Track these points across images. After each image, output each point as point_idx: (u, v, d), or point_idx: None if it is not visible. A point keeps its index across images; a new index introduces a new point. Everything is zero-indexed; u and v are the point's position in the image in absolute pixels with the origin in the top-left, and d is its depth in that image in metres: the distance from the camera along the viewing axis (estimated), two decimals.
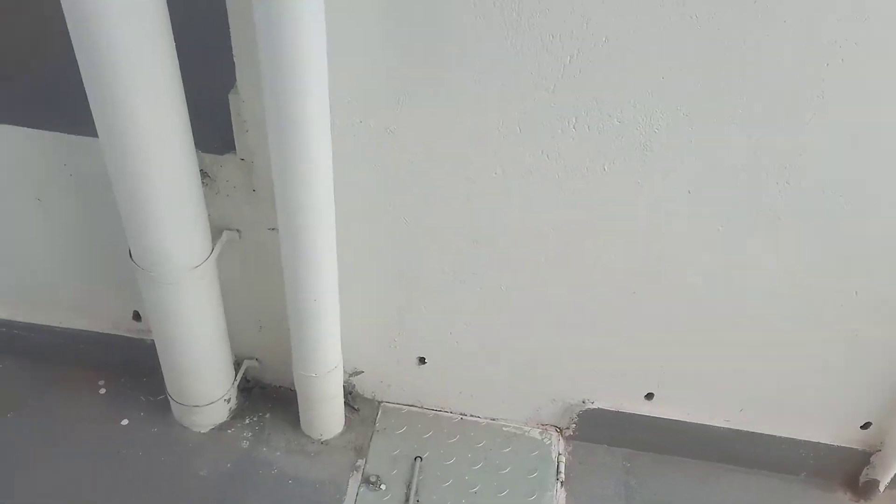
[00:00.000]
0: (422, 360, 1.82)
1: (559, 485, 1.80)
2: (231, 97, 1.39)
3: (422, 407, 1.94)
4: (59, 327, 1.87)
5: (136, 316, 1.85)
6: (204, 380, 1.75)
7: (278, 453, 1.82)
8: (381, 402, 1.94)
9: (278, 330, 1.79)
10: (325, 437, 1.85)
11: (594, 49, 1.22)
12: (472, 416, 1.93)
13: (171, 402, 1.81)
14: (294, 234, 1.39)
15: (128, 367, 1.93)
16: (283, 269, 1.50)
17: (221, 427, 1.86)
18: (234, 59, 1.33)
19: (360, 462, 1.81)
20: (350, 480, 1.77)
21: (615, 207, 1.43)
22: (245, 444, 1.83)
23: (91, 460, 1.75)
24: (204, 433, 1.84)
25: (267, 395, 1.94)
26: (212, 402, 1.79)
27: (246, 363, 1.88)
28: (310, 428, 1.84)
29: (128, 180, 1.35)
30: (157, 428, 1.85)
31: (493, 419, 1.92)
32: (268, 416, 1.90)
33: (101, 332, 1.87)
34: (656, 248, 1.47)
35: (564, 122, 1.32)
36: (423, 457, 1.83)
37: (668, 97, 1.26)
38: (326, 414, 1.80)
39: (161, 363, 1.75)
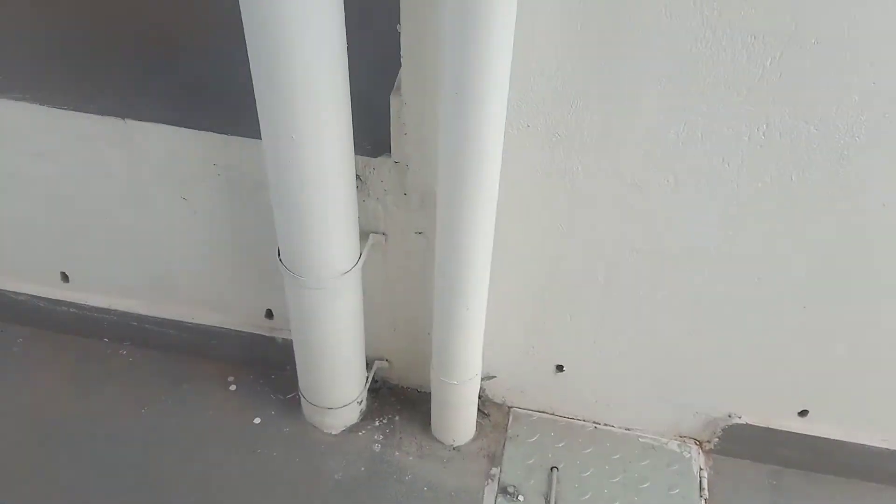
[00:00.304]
0: (559, 368, 1.75)
1: (703, 502, 1.72)
2: (392, 99, 1.34)
3: (553, 414, 1.88)
4: (191, 323, 1.86)
5: (269, 314, 1.84)
6: (340, 382, 1.72)
7: (410, 458, 1.79)
8: (512, 407, 1.89)
9: (411, 332, 1.76)
10: (457, 443, 1.81)
11: (800, 51, 1.12)
12: (605, 425, 1.86)
13: (304, 402, 1.79)
14: (454, 244, 1.34)
15: (257, 363, 1.92)
16: (435, 276, 1.44)
17: (352, 429, 1.83)
18: (402, 60, 1.27)
19: (495, 471, 1.77)
20: (486, 489, 1.72)
21: (798, 219, 1.33)
22: (377, 447, 1.80)
23: (227, 458, 1.75)
24: (335, 434, 1.82)
25: (395, 397, 1.91)
26: (346, 405, 1.77)
27: (376, 364, 1.84)
28: (442, 433, 1.80)
29: (289, 185, 1.31)
30: (289, 427, 1.83)
31: (629, 429, 1.85)
32: (397, 418, 1.87)
33: (232, 328, 1.86)
34: (840, 262, 1.37)
35: (753, 128, 1.22)
36: (558, 467, 1.76)
37: (876, 103, 1.15)
38: (461, 420, 1.76)
39: (297, 363, 1.73)
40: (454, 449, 1.81)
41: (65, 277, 1.85)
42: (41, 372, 1.91)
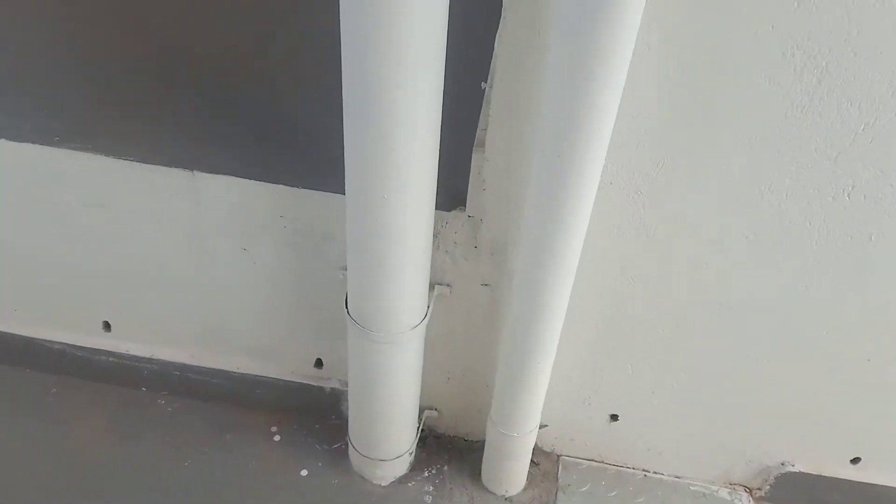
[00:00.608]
0: (614, 417, 1.75)
1: None
2: (475, 155, 1.33)
3: (602, 462, 1.87)
4: (236, 372, 1.83)
5: (318, 363, 1.81)
6: (395, 434, 1.70)
7: None
8: (561, 455, 1.88)
9: (465, 382, 1.74)
10: (509, 493, 1.79)
11: (894, 117, 1.14)
12: (655, 473, 1.86)
13: (353, 453, 1.76)
14: (534, 299, 1.33)
15: (302, 413, 1.89)
16: (507, 329, 1.44)
17: (401, 479, 1.80)
18: (489, 118, 1.27)
19: None
20: None
21: (871, 278, 1.35)
22: (428, 498, 1.78)
23: None
24: (385, 486, 1.79)
25: (442, 446, 1.89)
26: (398, 456, 1.74)
27: (426, 414, 1.82)
28: (494, 483, 1.78)
29: (371, 241, 1.29)
30: (338, 479, 1.80)
31: (679, 477, 1.85)
32: (446, 468, 1.84)
33: (280, 377, 1.83)
34: None
35: (839, 189, 1.24)
36: None
37: None
38: (515, 471, 1.74)
39: (350, 414, 1.70)
40: (506, 500, 1.79)
41: (107, 326, 1.81)
42: (77, 421, 1.85)
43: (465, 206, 1.42)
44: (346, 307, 1.47)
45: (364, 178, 1.21)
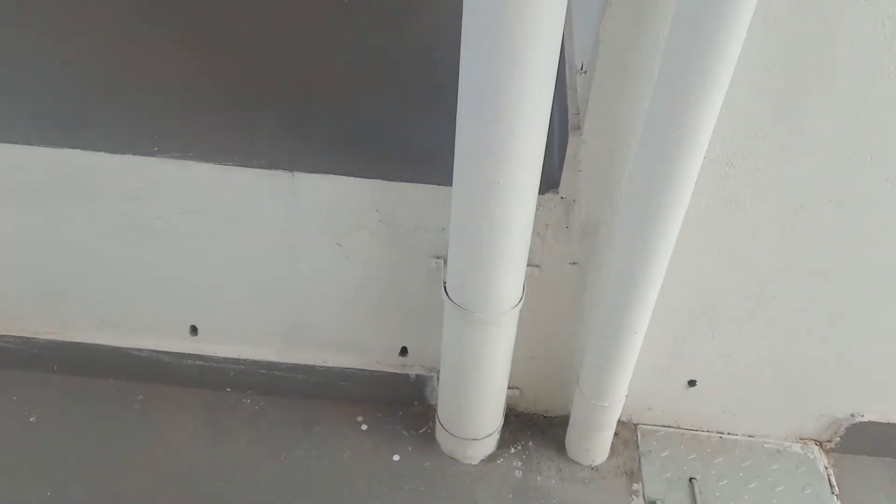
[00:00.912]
0: (692, 383, 1.83)
1: (835, 498, 1.81)
2: (571, 138, 1.40)
3: (678, 427, 1.95)
4: (322, 366, 1.88)
5: (403, 351, 1.86)
6: (487, 413, 1.76)
7: (553, 481, 1.83)
8: (638, 424, 1.95)
9: (545, 359, 1.81)
10: (595, 463, 1.86)
11: None
12: (730, 434, 1.94)
13: (444, 434, 1.83)
14: (634, 273, 1.40)
15: (386, 402, 1.94)
16: (601, 303, 1.51)
17: (490, 458, 1.87)
18: (589, 101, 1.33)
19: (636, 486, 1.82)
20: None
21: None
22: (518, 473, 1.85)
23: (376, 497, 1.77)
24: (475, 465, 1.86)
25: (524, 423, 1.96)
26: (489, 435, 1.81)
27: (508, 392, 1.88)
28: (580, 454, 1.85)
29: (478, 226, 1.35)
30: (430, 462, 1.86)
31: (752, 436, 1.93)
32: (530, 444, 1.91)
33: (365, 368, 1.88)
34: None
35: None
36: (696, 478, 1.83)
37: None
38: (602, 440, 1.82)
39: (441, 398, 1.77)
40: (593, 469, 1.86)
41: (193, 330, 1.85)
42: (168, 427, 1.89)
43: (557, 189, 1.48)
44: (446, 291, 1.53)
45: (480, 166, 1.27)
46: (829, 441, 1.91)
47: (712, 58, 1.09)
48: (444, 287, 1.54)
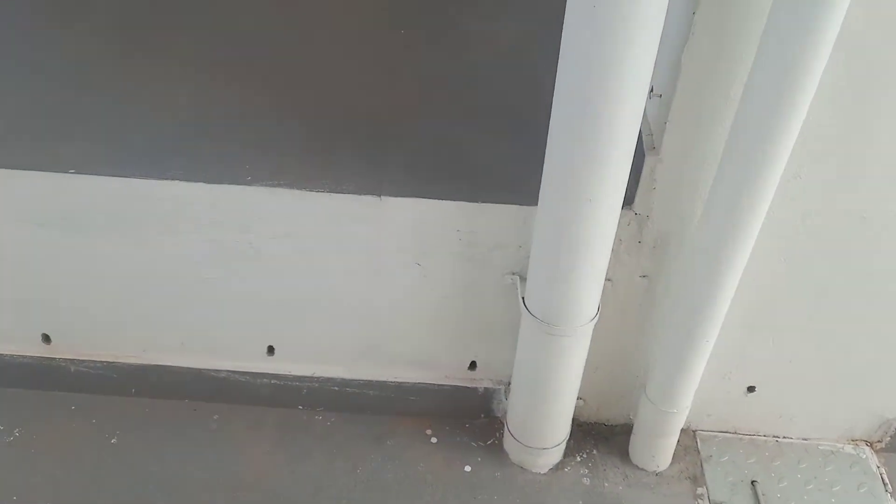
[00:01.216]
0: (751, 389, 1.91)
1: (888, 495, 1.89)
2: (648, 157, 1.48)
3: (735, 433, 2.02)
4: (392, 381, 1.95)
5: (472, 365, 1.94)
6: (558, 423, 1.83)
7: (620, 487, 1.90)
8: (696, 430, 2.03)
9: (612, 369, 1.89)
10: (660, 469, 1.93)
11: None
12: (785, 437, 2.02)
13: (514, 444, 1.90)
14: (712, 283, 1.49)
15: (453, 414, 2.01)
16: (675, 312, 1.59)
17: (557, 466, 1.94)
18: (668, 123, 1.42)
19: (701, 490, 1.90)
20: None
21: None
22: (586, 480, 1.92)
23: None
24: (544, 474, 1.92)
25: (587, 432, 2.03)
26: (558, 444, 1.88)
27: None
28: (645, 460, 1.92)
29: (564, 242, 1.44)
30: (500, 472, 1.93)
31: (806, 439, 2.01)
32: (595, 452, 1.98)
33: (434, 382, 1.95)
34: None
35: None
36: (757, 481, 1.91)
37: None
38: (666, 446, 1.89)
39: (512, 409, 1.84)
40: (657, 475, 1.93)
41: (270, 350, 1.92)
42: (245, 445, 1.95)
43: (632, 205, 1.57)
44: (525, 305, 1.61)
45: (571, 185, 1.36)
46: (879, 441, 1.99)
47: (796, 89, 1.19)
48: (523, 301, 1.62)
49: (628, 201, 1.57)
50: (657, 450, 1.89)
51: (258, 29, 1.87)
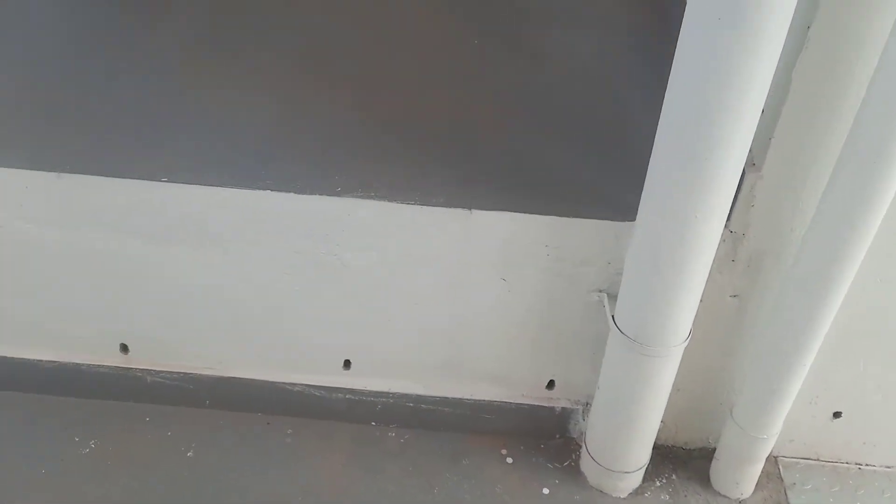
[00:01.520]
0: (837, 415, 1.85)
1: None
2: (749, 174, 1.46)
3: (818, 459, 1.97)
4: (468, 399, 1.93)
5: (550, 384, 1.91)
6: (641, 446, 1.80)
7: None
8: (778, 456, 1.97)
9: (692, 391, 1.85)
10: (743, 496, 1.88)
11: None
12: (867, 465, 1.96)
13: (594, 467, 1.86)
14: (819, 304, 1.45)
15: (527, 434, 1.98)
16: (771, 335, 1.55)
17: (637, 491, 1.90)
18: (772, 139, 1.40)
19: None
20: None
21: None
22: None
23: None
24: (624, 498, 1.88)
25: (665, 456, 1.98)
26: (640, 468, 1.84)
27: None
28: (728, 487, 1.88)
29: (665, 259, 1.41)
30: (579, 495, 1.89)
31: (889, 467, 1.95)
32: (674, 476, 1.94)
33: (511, 401, 1.92)
34: None
35: None
36: None
37: None
38: (752, 473, 1.84)
39: (593, 430, 1.81)
40: (741, 503, 1.88)
41: (347, 365, 1.91)
42: (319, 460, 1.94)
43: (728, 222, 1.54)
44: (615, 323, 1.58)
45: (677, 202, 1.33)
46: None
47: None
48: (613, 319, 1.59)
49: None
50: (742, 476, 1.84)
51: (347, 42, 1.88)
